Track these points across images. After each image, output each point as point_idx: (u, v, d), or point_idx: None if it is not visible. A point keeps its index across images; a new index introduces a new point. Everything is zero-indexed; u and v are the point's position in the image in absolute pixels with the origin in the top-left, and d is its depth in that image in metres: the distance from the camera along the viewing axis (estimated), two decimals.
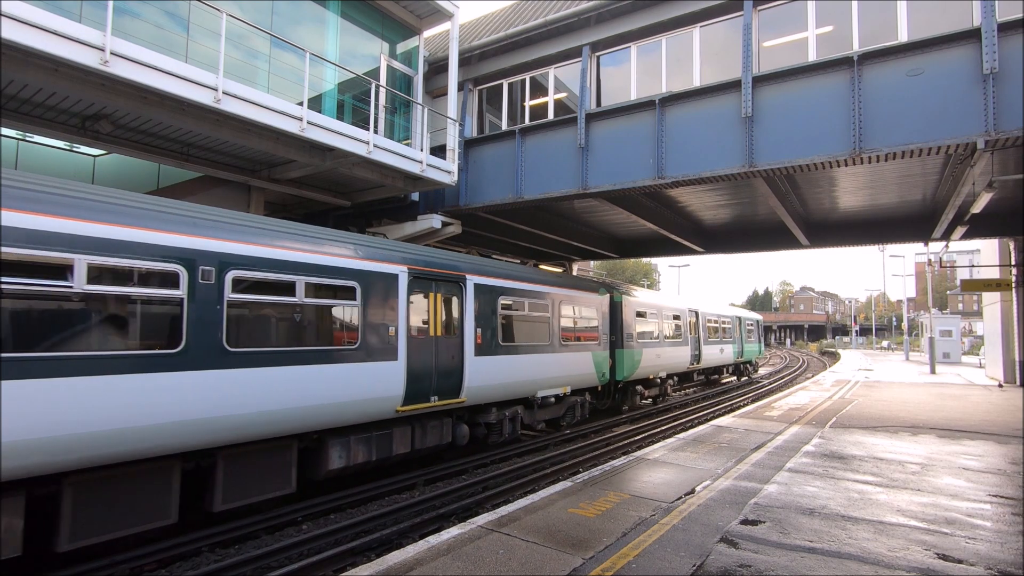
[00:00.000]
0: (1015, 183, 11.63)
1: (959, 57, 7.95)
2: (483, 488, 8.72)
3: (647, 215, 15.20)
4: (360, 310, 7.85)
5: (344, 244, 7.94)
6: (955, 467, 7.98)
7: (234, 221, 6.75)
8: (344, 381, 7.54)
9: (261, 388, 6.53)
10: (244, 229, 6.72)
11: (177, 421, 5.78)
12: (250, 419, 6.42)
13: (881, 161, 8.71)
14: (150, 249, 5.71)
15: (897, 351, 58.69)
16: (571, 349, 12.92)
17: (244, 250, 6.58)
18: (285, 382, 6.77)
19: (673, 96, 10.45)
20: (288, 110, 9.03)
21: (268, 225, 7.17)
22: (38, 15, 6.40)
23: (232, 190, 11.28)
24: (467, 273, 9.96)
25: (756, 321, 32.05)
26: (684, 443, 9.60)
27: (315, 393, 7.13)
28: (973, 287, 21.82)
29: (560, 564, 4.56)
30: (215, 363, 6.12)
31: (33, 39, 6.39)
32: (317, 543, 6.41)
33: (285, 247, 7.05)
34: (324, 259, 7.45)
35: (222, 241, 6.37)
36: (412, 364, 8.58)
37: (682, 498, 6.41)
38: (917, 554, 4.81)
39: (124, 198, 5.88)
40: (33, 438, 4.86)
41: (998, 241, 21.05)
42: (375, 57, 12.10)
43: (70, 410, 5.08)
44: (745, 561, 4.61)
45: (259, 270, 6.69)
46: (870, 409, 14.02)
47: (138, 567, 5.70)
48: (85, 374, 5.19)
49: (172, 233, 5.93)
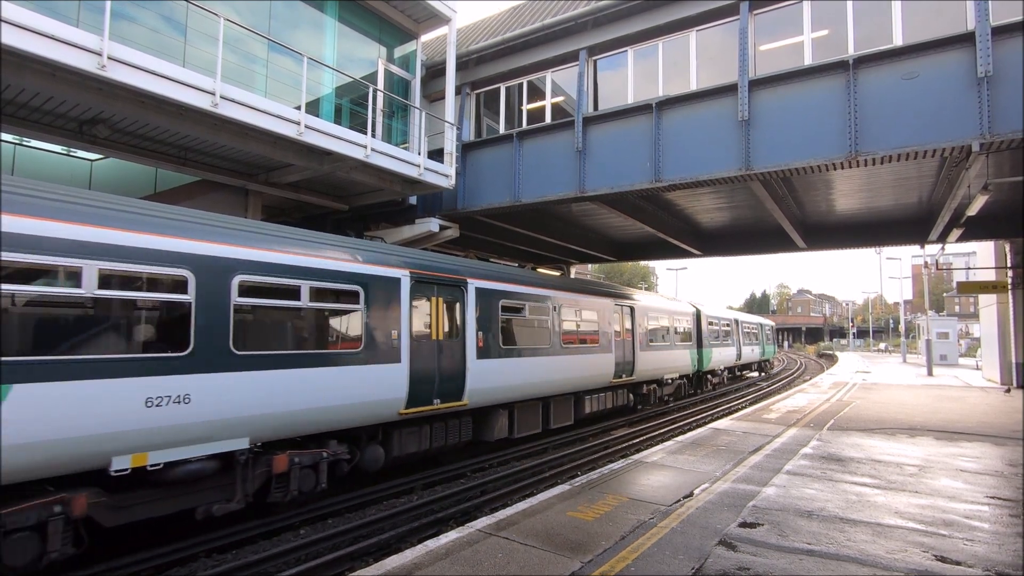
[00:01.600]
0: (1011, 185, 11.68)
1: (954, 60, 7.99)
2: (481, 492, 8.71)
3: (644, 218, 15.23)
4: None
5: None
6: (953, 469, 7.99)
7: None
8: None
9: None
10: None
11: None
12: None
13: (877, 164, 8.75)
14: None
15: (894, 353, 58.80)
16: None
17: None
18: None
19: (670, 99, 10.49)
20: (286, 114, 9.04)
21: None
22: (36, 20, 6.40)
23: (230, 194, 11.28)
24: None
25: (772, 327, 39.06)
26: (682, 446, 9.60)
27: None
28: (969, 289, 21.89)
29: (559, 567, 4.55)
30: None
31: (31, 44, 6.40)
32: (315, 548, 6.38)
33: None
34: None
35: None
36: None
37: (680, 501, 6.40)
38: (915, 556, 4.81)
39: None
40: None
41: (994, 243, 21.12)
42: (373, 61, 12.12)
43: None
44: (744, 564, 4.60)
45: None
46: (868, 411, 14.04)
47: (135, 573, 5.67)
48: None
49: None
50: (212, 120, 8.60)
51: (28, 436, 4.80)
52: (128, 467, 5.48)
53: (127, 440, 5.44)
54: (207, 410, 6.00)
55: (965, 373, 28.28)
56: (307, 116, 9.29)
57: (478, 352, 9.97)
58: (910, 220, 16.04)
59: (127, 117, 8.32)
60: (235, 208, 11.21)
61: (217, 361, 6.13)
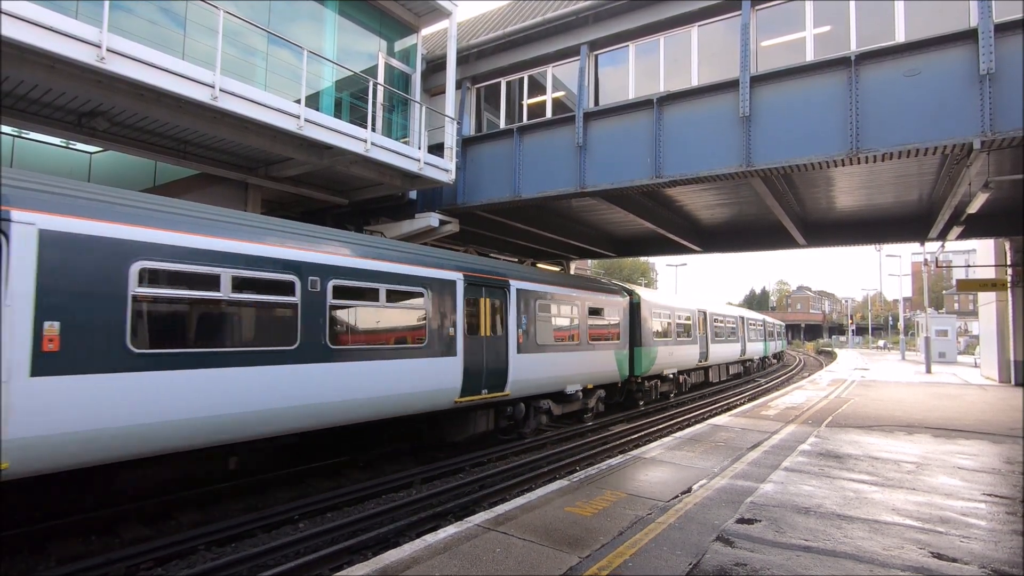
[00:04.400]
0: (1011, 183, 11.67)
1: (956, 58, 7.97)
2: (480, 486, 8.72)
3: (645, 214, 15.21)
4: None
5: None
6: (950, 466, 8.01)
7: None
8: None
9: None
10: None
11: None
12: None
13: (878, 161, 8.73)
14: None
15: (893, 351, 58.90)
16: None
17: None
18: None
19: (671, 95, 10.45)
20: (286, 108, 9.00)
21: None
22: (36, 12, 6.37)
23: (229, 188, 11.24)
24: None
25: (782, 325, 46.71)
26: (681, 442, 9.62)
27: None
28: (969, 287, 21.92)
29: (557, 563, 4.56)
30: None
31: (30, 36, 6.36)
32: (313, 541, 6.39)
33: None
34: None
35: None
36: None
37: (679, 497, 6.42)
38: (912, 553, 4.83)
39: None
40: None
41: (993, 241, 21.12)
42: (373, 55, 12.07)
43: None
44: (741, 560, 4.62)
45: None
46: (866, 408, 14.07)
47: (134, 566, 5.68)
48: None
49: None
50: (211, 113, 8.57)
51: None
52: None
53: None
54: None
55: (964, 371, 28.32)
56: (307, 110, 9.25)
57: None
58: (910, 217, 16.03)
59: (126, 110, 8.29)
60: (234, 202, 11.17)
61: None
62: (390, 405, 8.33)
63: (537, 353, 11.65)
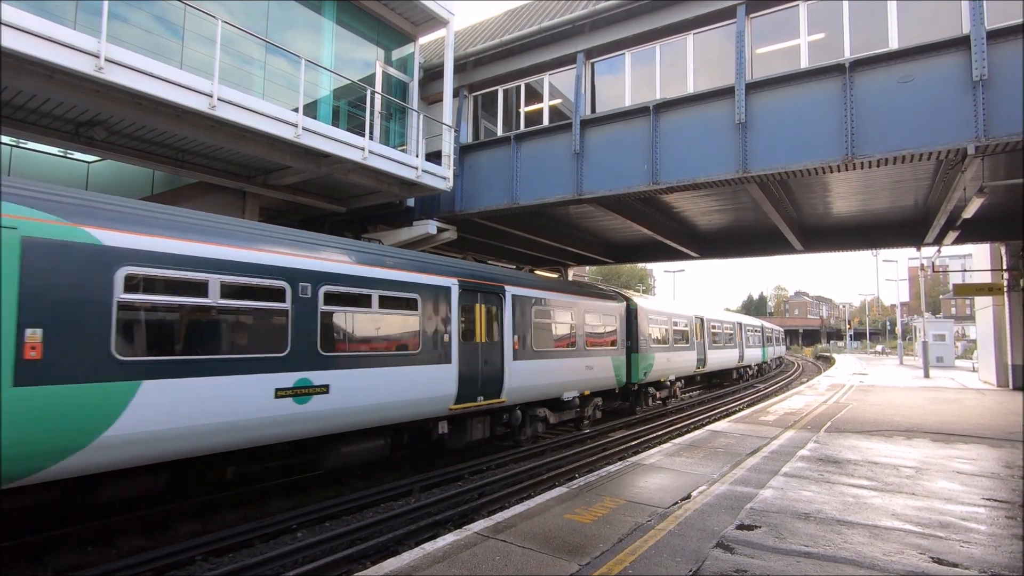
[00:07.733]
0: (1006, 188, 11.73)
1: (949, 64, 8.03)
2: (479, 494, 8.69)
3: (642, 220, 15.26)
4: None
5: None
6: (949, 471, 8.01)
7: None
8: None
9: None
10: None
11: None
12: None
13: (874, 167, 8.79)
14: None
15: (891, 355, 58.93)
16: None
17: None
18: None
19: (667, 102, 10.51)
20: (283, 116, 9.04)
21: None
22: (34, 22, 6.39)
23: (227, 196, 11.26)
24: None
25: (781, 330, 48.07)
26: (680, 448, 9.60)
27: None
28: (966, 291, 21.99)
29: (556, 570, 4.55)
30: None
31: (28, 46, 6.39)
32: (312, 551, 6.36)
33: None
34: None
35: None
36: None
37: (678, 503, 6.41)
38: (912, 558, 4.82)
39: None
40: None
41: (990, 246, 21.19)
42: (370, 63, 12.13)
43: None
44: (741, 566, 4.61)
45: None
46: (865, 413, 14.06)
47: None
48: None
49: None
50: (209, 122, 8.60)
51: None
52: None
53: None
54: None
55: (961, 375, 28.34)
56: (304, 118, 9.28)
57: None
58: (907, 222, 16.09)
59: (124, 119, 8.31)
60: (232, 211, 11.19)
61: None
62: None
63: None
